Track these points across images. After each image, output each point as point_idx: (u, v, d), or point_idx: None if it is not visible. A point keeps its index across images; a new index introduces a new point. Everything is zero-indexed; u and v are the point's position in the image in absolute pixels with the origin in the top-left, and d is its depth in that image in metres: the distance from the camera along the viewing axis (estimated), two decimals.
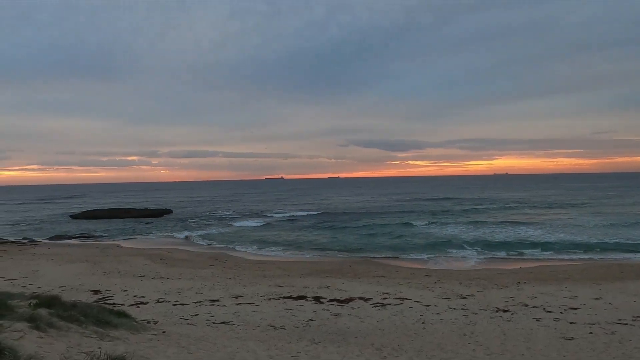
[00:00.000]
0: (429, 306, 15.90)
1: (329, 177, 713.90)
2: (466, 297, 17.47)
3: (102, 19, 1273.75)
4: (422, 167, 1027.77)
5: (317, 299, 17.40)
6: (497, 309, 15.42)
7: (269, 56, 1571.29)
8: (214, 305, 16.43)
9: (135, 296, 18.28)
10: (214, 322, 13.39)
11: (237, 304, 16.48)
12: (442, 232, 42.20)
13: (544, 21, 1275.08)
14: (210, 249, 36.89)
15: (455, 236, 39.35)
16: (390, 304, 16.30)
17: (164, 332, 9.70)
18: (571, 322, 13.31)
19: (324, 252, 33.82)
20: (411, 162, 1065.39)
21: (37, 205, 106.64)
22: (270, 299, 17.43)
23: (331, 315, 14.73)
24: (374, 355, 9.90)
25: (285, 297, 17.74)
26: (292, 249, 35.93)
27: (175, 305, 16.49)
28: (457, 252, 32.24)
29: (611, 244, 33.75)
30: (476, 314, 14.70)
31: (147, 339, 8.14)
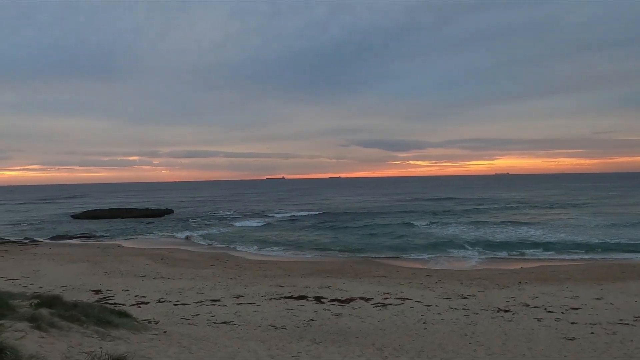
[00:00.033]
0: (430, 306, 15.89)
1: (330, 177, 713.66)
2: (467, 297, 17.46)
3: (102, 19, 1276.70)
4: (423, 167, 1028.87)
5: (318, 299, 17.40)
6: (499, 309, 15.41)
7: (270, 56, 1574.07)
8: (215, 305, 16.45)
9: (136, 296, 18.31)
10: (215, 322, 13.40)
11: (238, 304, 16.50)
12: (443, 232, 42.17)
13: (544, 21, 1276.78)
14: (211, 249, 36.92)
15: (456, 236, 39.33)
16: (391, 304, 16.29)
17: (165, 332, 9.72)
18: (572, 323, 13.30)
19: (325, 252, 33.82)
20: (412, 162, 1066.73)
21: (38, 205, 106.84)
22: (271, 299, 17.44)
23: (332, 315, 14.74)
24: (375, 355, 9.90)
25: (286, 297, 17.75)
26: (293, 249, 35.93)
27: (176, 305, 16.51)
28: (458, 252, 32.22)
29: (612, 244, 33.71)
30: (477, 314, 14.70)
31: (148, 339, 8.15)
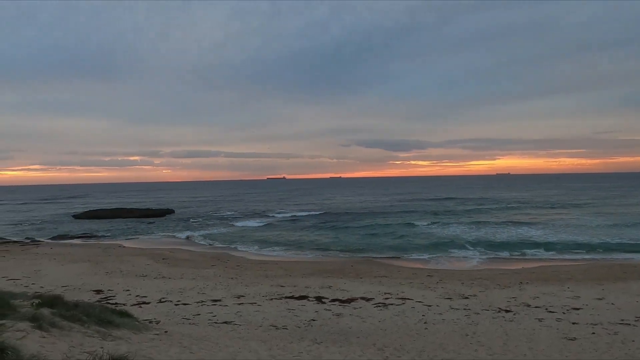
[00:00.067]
0: (431, 306, 15.89)
1: (331, 177, 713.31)
2: (468, 297, 17.45)
3: (103, 19, 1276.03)
4: (424, 167, 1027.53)
5: (319, 299, 17.40)
6: (500, 309, 15.39)
7: (271, 56, 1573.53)
8: (216, 305, 16.46)
9: (137, 296, 18.33)
10: (216, 322, 13.41)
11: (239, 304, 16.51)
12: (444, 232, 42.15)
13: (545, 21, 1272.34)
14: (212, 249, 36.94)
15: (457, 236, 39.30)
16: (392, 304, 16.29)
17: (166, 331, 9.72)
18: (573, 323, 13.28)
19: (326, 252, 33.82)
20: (413, 162, 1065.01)
21: (39, 205, 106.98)
22: (272, 299, 17.45)
23: (333, 315, 14.74)
24: (375, 355, 9.90)
25: (287, 297, 17.75)
26: (294, 249, 35.93)
27: (177, 305, 16.52)
28: (459, 252, 32.20)
29: (614, 244, 33.63)
30: (478, 314, 14.69)
31: (149, 339, 8.16)
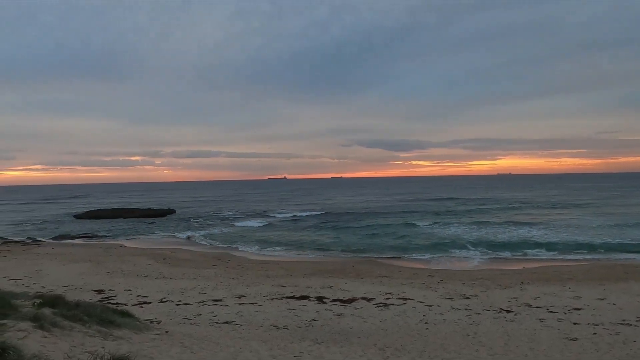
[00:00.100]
0: (431, 306, 15.88)
1: (332, 177, 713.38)
2: (469, 298, 17.43)
3: (104, 19, 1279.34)
4: (425, 167, 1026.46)
5: (320, 299, 17.40)
6: (501, 309, 15.38)
7: (271, 56, 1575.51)
8: (217, 305, 16.47)
9: (138, 296, 18.34)
10: (217, 322, 13.42)
11: (240, 304, 16.51)
12: (446, 233, 42.09)
13: (545, 21, 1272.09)
14: (213, 249, 36.96)
15: (458, 236, 39.25)
16: (393, 304, 16.28)
17: (167, 331, 9.73)
18: (575, 323, 13.26)
19: (327, 252, 33.81)
20: (414, 162, 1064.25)
21: (40, 205, 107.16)
22: (273, 299, 17.45)
23: (334, 315, 14.73)
24: (376, 355, 9.90)
25: (288, 297, 17.75)
26: (295, 249, 35.93)
27: (178, 305, 16.53)
28: (460, 253, 32.16)
29: (615, 244, 33.56)
30: (479, 314, 14.68)
31: (150, 339, 8.17)
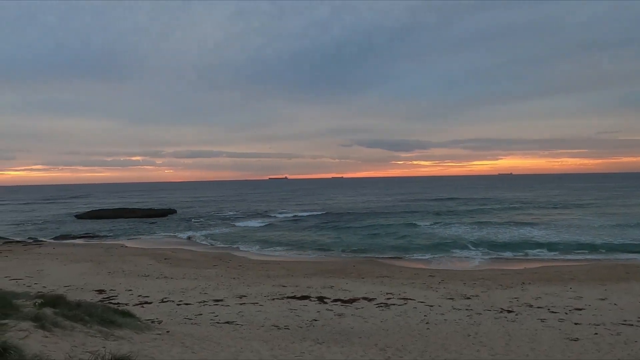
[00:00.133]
0: (432, 306, 15.86)
1: (333, 177, 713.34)
2: (470, 298, 17.42)
3: (104, 20, 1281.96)
4: (426, 167, 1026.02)
5: (321, 299, 17.40)
6: (502, 309, 15.36)
7: (272, 56, 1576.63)
8: (217, 305, 16.47)
9: (139, 296, 18.36)
10: (218, 322, 13.42)
11: (241, 304, 16.52)
12: (447, 233, 42.06)
13: (545, 21, 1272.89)
14: (214, 249, 36.97)
15: (459, 236, 39.21)
16: (394, 304, 16.27)
17: (168, 331, 9.74)
18: (576, 323, 13.24)
19: (328, 252, 33.80)
20: (415, 162, 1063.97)
21: (42, 205, 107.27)
22: (274, 299, 17.45)
23: (335, 315, 14.73)
24: (377, 355, 9.89)
25: (289, 297, 17.75)
26: (296, 249, 35.92)
27: (179, 305, 16.54)
28: (461, 253, 32.13)
29: (616, 244, 33.50)
30: (480, 314, 14.66)
31: (151, 339, 8.17)
